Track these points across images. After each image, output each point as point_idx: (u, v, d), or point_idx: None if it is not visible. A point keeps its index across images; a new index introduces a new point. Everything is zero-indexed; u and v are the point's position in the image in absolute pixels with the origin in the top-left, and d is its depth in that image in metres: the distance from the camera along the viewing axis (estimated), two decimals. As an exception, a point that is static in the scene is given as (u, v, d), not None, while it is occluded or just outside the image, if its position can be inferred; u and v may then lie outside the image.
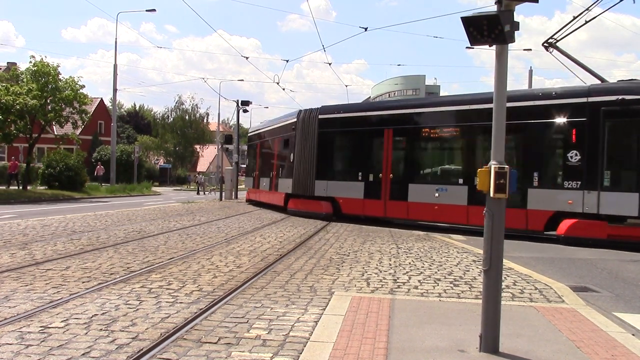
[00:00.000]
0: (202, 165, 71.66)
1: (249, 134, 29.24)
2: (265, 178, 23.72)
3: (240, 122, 37.34)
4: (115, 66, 36.51)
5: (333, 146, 18.52)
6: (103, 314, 5.46)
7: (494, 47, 4.50)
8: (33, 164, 31.06)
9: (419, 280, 7.56)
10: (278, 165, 22.12)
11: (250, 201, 26.68)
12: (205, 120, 67.12)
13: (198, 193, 40.59)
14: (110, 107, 51.31)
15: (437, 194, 15.00)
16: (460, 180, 14.69)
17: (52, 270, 7.67)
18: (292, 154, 19.63)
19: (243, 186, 38.75)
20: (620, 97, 12.08)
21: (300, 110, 19.53)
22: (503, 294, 4.97)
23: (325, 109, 18.55)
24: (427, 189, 15.34)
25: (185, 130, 62.96)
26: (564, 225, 12.64)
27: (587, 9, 13.12)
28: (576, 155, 12.57)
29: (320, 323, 5.25)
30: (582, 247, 12.07)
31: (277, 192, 21.40)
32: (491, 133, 4.53)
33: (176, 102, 64.82)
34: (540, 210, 13.03)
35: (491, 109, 4.56)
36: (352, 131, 17.79)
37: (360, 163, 17.27)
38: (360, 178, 16.94)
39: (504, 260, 4.87)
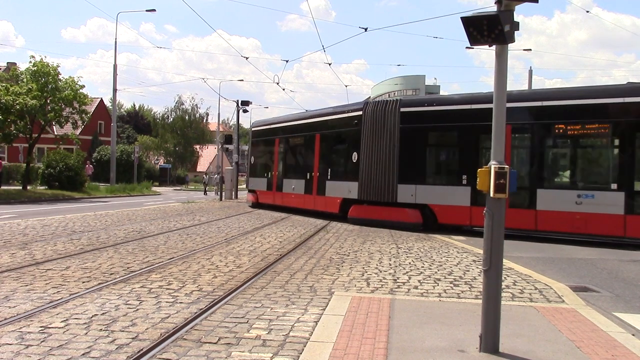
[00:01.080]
0: (202, 165, 71.69)
1: (255, 128, 24.91)
2: (296, 180, 20.19)
3: (240, 122, 37.35)
4: (115, 66, 36.53)
5: (424, 144, 15.59)
6: (103, 314, 5.46)
7: (494, 47, 4.50)
8: (33, 164, 31.05)
9: (419, 280, 7.56)
10: (324, 165, 18.68)
11: (257, 205, 23.27)
12: (205, 120, 67.19)
13: (205, 193, 39.93)
14: (110, 107, 51.33)
15: (579, 201, 12.91)
16: (614, 186, 12.59)
17: (52, 270, 7.67)
18: (354, 153, 16.82)
19: (243, 186, 38.77)
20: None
21: (367, 102, 17.04)
22: (503, 294, 4.97)
23: (408, 102, 16.22)
24: (564, 195, 13.17)
25: (185, 130, 62.98)
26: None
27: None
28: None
29: (320, 323, 5.25)
30: (582, 247, 12.07)
31: (327, 196, 18.08)
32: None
33: (176, 102, 64.88)
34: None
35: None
36: (451, 127, 15.09)
37: (465, 164, 14.53)
38: (465, 182, 14.35)
39: (504, 260, 4.87)
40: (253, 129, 24.72)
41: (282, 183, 21.31)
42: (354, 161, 16.84)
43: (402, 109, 15.70)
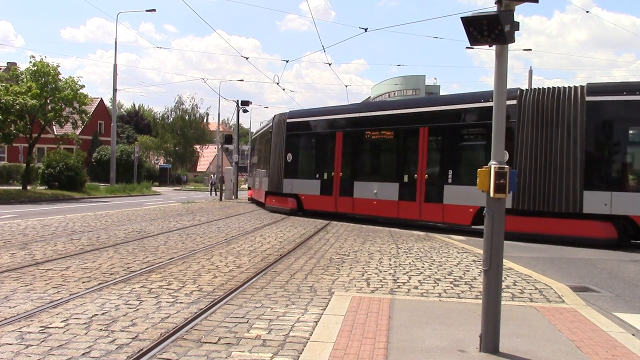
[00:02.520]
0: (202, 165, 71.75)
1: (294, 120, 20.27)
2: (380, 183, 16.54)
3: (240, 122, 37.38)
4: (115, 66, 36.54)
5: (623, 142, 12.92)
6: (103, 314, 5.46)
7: (494, 47, 4.50)
8: (33, 164, 31.06)
9: (419, 280, 7.56)
10: (438, 165, 15.26)
11: (296, 212, 19.52)
12: (205, 120, 67.27)
13: (211, 193, 39.18)
14: (110, 107, 51.34)
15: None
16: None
17: (52, 270, 7.67)
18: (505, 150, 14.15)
19: (245, 186, 38.75)
20: None
21: (522, 90, 13.70)
22: (503, 294, 4.97)
23: (599, 88, 12.92)
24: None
25: (185, 130, 63.04)
26: None
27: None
28: None
29: (320, 323, 5.25)
30: (582, 247, 12.07)
31: (446, 204, 14.55)
32: None
33: (176, 102, 65.00)
34: None
35: None
36: None
37: None
38: None
39: (504, 260, 4.87)
40: (290, 121, 20.11)
41: (350, 186, 17.31)
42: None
43: (590, 98, 12.64)
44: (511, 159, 13.05)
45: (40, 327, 4.98)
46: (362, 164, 18.03)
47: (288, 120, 20.20)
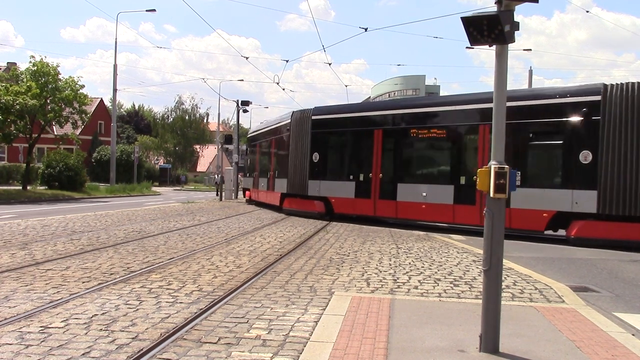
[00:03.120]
0: (202, 166, 71.78)
1: (321, 117, 18.66)
2: (430, 185, 15.26)
3: (240, 122, 37.38)
4: (115, 66, 36.55)
5: None
6: (103, 314, 5.46)
7: (494, 47, 4.51)
8: (33, 164, 31.07)
9: (419, 280, 7.56)
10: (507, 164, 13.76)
11: (326, 215, 17.95)
12: (205, 120, 67.29)
13: (218, 194, 38.67)
14: (110, 107, 51.35)
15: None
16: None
17: (52, 270, 7.67)
18: (583, 152, 12.62)
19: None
20: None
21: (608, 85, 12.62)
22: (503, 294, 4.97)
23: None
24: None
25: (185, 130, 63.07)
26: None
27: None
28: None
29: (320, 323, 5.25)
30: (582, 247, 12.07)
31: (514, 207, 12.86)
32: None
33: (176, 102, 65.04)
34: None
35: None
36: None
37: None
38: None
39: (504, 260, 4.87)
40: (317, 118, 18.52)
41: (393, 189, 15.97)
42: (584, 162, 12.62)
43: None
44: (594, 159, 12.46)
45: (40, 327, 4.98)
46: (407, 164, 16.54)
47: (314, 118, 18.53)
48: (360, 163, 17.44)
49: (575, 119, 12.86)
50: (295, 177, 19.07)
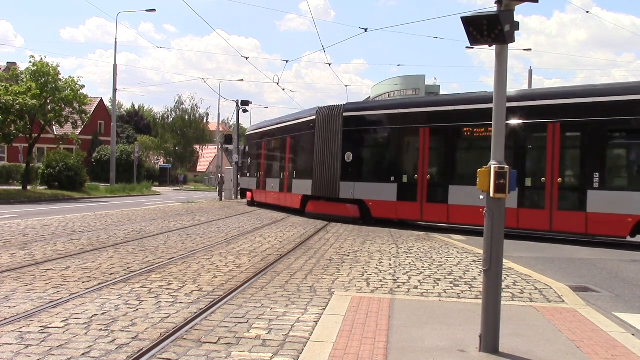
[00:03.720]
0: (202, 166, 71.79)
1: (357, 113, 17.45)
2: (471, 187, 12.02)
3: (240, 122, 37.39)
4: (115, 66, 36.55)
5: None
6: (103, 314, 5.46)
7: (494, 47, 4.51)
8: (33, 164, 31.07)
9: (419, 280, 7.56)
10: (581, 165, 13.17)
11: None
12: (205, 120, 67.29)
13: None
14: (110, 107, 51.36)
15: None
16: None
17: (52, 270, 7.67)
18: None
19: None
20: None
21: None
22: (503, 294, 4.97)
23: None
24: None
25: (185, 130, 63.08)
26: None
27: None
28: None
29: (320, 323, 5.25)
30: (582, 247, 12.07)
31: (595, 212, 12.35)
32: None
33: (176, 102, 65.05)
34: None
35: None
36: None
37: None
38: None
39: (504, 260, 4.87)
40: (350, 115, 17.12)
41: (443, 191, 14.72)
42: None
43: None
44: None
45: (40, 327, 4.98)
46: (460, 165, 15.17)
47: (346, 114, 17.11)
48: (404, 163, 16.34)
49: None
50: (323, 178, 17.67)
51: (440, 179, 15.09)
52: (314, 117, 18.45)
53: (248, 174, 26.73)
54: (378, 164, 16.93)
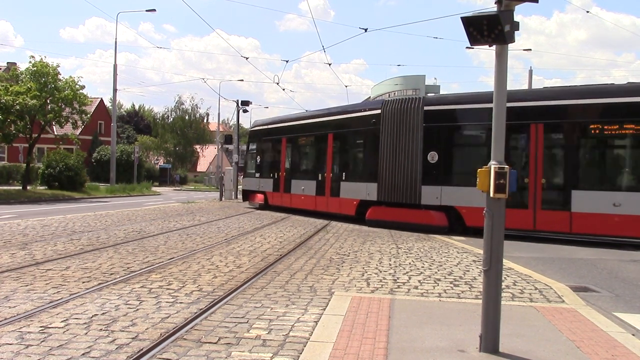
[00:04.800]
0: (202, 166, 71.79)
1: (436, 108, 15.14)
2: (605, 192, 12.56)
3: (240, 122, 37.40)
4: (115, 66, 36.54)
5: None
6: (103, 314, 5.46)
7: (493, 47, 4.51)
8: (33, 164, 31.08)
9: (419, 280, 7.56)
10: None
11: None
12: (205, 120, 67.27)
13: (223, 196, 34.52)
14: (110, 107, 51.37)
15: None
16: None
17: (52, 270, 7.67)
18: None
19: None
20: None
21: None
22: (503, 294, 4.97)
23: None
24: None
25: (185, 131, 63.05)
26: None
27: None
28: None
29: (320, 323, 5.25)
30: (582, 247, 12.07)
31: None
32: None
33: (176, 103, 65.03)
34: None
35: None
36: None
37: None
38: None
39: (504, 260, 4.87)
40: (434, 109, 15.03)
41: (565, 197, 12.98)
42: None
43: None
44: None
45: (40, 327, 4.98)
46: (588, 166, 13.61)
47: (429, 109, 15.00)
48: (511, 165, 15.19)
49: None
50: (394, 181, 15.43)
51: (560, 182, 13.48)
52: (379, 112, 16.07)
53: (257, 174, 23.43)
54: (476, 165, 14.80)
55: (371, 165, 16.44)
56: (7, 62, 44.68)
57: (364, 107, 17.51)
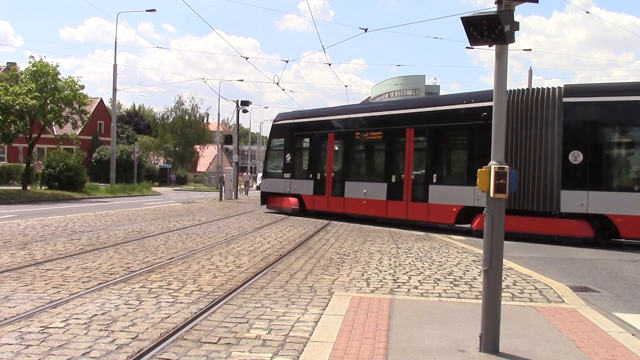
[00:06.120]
0: (202, 166, 71.80)
1: (583, 100, 12.80)
2: None
3: (240, 122, 37.38)
4: (115, 66, 36.51)
5: None
6: (103, 314, 5.46)
7: (493, 47, 4.51)
8: (33, 164, 31.06)
9: (419, 280, 7.56)
10: None
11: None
12: (205, 121, 67.26)
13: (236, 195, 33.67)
14: (110, 107, 51.36)
15: None
16: None
17: (52, 270, 7.67)
18: None
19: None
20: None
21: None
22: (503, 294, 4.97)
23: None
24: None
25: (185, 131, 63.05)
26: None
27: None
28: None
29: (320, 323, 5.25)
30: (582, 247, 12.07)
31: None
32: None
33: (176, 103, 65.03)
34: None
35: None
36: None
37: None
38: None
39: (504, 260, 4.87)
40: (575, 100, 12.88)
41: None
42: None
43: None
44: None
45: (40, 327, 4.98)
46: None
47: (569, 100, 12.82)
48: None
49: None
50: (521, 185, 13.08)
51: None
52: (488, 104, 13.91)
53: (287, 174, 20.11)
54: (636, 166, 12.84)
55: (480, 165, 14.00)
56: (7, 62, 44.65)
57: (466, 99, 14.88)
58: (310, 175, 19.25)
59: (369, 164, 18.17)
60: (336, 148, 18.47)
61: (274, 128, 21.55)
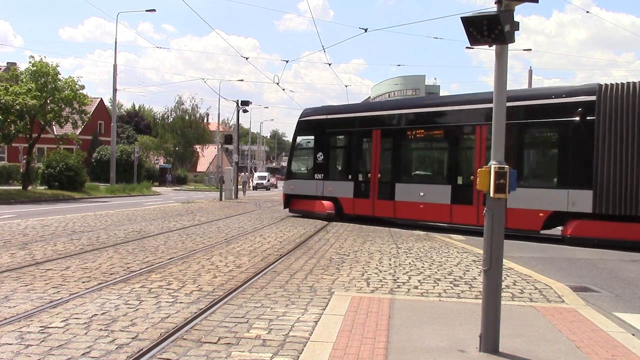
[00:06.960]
0: (202, 166, 71.82)
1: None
2: None
3: (240, 122, 37.38)
4: (115, 66, 36.53)
5: None
6: (103, 314, 5.46)
7: (493, 47, 4.51)
8: (33, 164, 31.07)
9: (419, 280, 7.56)
10: None
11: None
12: (205, 121, 67.28)
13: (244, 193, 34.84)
14: (110, 107, 51.36)
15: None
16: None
17: (52, 270, 7.67)
18: None
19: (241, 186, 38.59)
20: None
21: None
22: (503, 294, 4.97)
23: None
24: None
25: (185, 131, 63.07)
26: None
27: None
28: None
29: (320, 323, 5.25)
30: (582, 247, 12.06)
31: None
32: None
33: (176, 103, 65.06)
34: None
35: None
36: None
37: None
38: None
39: (504, 260, 4.87)
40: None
41: None
42: None
43: None
44: None
45: (40, 327, 4.98)
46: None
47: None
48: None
49: None
50: (624, 188, 11.93)
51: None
52: (592, 99, 12.41)
53: (319, 175, 18.29)
54: None
55: (576, 167, 12.67)
56: (7, 62, 44.66)
57: (556, 93, 13.33)
58: (350, 177, 17.48)
59: (426, 164, 16.76)
60: (383, 146, 16.57)
61: (300, 125, 19.48)
